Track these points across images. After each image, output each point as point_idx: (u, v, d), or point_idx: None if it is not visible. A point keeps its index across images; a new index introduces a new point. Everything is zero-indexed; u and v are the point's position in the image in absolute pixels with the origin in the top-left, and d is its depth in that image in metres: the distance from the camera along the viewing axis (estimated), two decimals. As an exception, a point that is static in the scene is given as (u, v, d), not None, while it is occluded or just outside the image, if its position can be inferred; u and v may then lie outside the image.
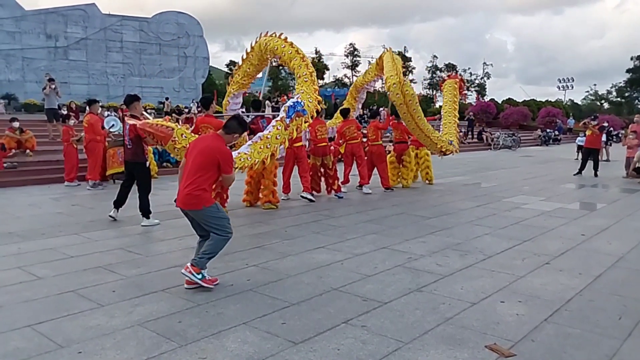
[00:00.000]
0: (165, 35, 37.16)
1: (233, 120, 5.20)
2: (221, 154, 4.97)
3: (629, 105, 73.01)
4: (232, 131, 5.15)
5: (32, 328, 4.08)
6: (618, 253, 6.57)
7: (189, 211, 5.01)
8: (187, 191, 4.90)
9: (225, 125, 5.16)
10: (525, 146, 34.25)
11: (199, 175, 4.90)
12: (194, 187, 4.88)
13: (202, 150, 4.99)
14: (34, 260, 5.97)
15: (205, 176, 4.93)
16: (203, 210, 4.94)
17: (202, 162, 4.93)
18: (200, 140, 5.29)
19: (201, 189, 4.91)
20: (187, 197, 4.91)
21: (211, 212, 4.98)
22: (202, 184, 4.91)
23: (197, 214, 5.00)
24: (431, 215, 9.04)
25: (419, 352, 3.72)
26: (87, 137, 12.15)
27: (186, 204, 4.96)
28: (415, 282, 5.32)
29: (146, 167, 8.17)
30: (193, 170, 4.93)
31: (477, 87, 68.38)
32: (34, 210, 9.23)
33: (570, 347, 3.85)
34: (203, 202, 4.92)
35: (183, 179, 5.02)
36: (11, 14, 31.25)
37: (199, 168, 4.92)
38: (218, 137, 5.14)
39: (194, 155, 5.00)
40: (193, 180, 4.89)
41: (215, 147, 4.97)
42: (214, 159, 4.93)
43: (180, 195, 4.98)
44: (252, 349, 3.74)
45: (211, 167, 4.94)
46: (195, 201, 4.90)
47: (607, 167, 18.32)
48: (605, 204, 10.68)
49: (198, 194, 4.89)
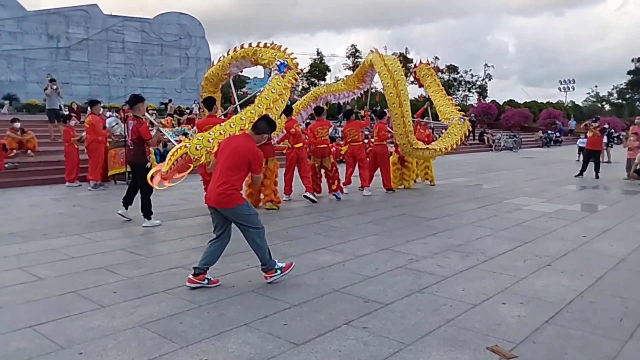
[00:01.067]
0: (167, 36, 37.17)
1: (262, 121, 5.33)
2: (252, 154, 5.07)
3: (630, 107, 72.86)
4: (262, 131, 5.26)
5: (33, 329, 4.08)
6: (619, 254, 6.56)
7: (221, 210, 5.08)
8: (220, 190, 4.98)
9: (255, 126, 5.28)
10: (526, 148, 34.24)
11: (230, 175, 5.00)
12: (227, 186, 4.97)
13: (233, 150, 5.08)
14: (35, 261, 5.98)
15: (237, 176, 5.04)
16: (235, 208, 5.03)
17: (234, 162, 5.03)
18: (231, 140, 5.35)
19: (233, 188, 5.01)
20: (219, 196, 4.99)
21: (243, 210, 5.08)
22: (235, 183, 5.02)
23: (229, 212, 5.08)
24: (432, 216, 9.03)
25: (420, 354, 3.72)
26: (88, 138, 12.16)
27: (219, 203, 5.03)
28: (417, 283, 5.32)
29: (147, 168, 8.15)
30: (224, 170, 5.02)
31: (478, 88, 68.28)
32: (35, 211, 9.23)
33: (572, 348, 3.84)
34: (235, 201, 5.02)
35: (214, 178, 5.10)
36: (13, 15, 31.27)
37: (231, 168, 5.02)
38: (248, 137, 5.24)
39: (225, 155, 5.09)
40: (225, 180, 4.98)
41: (246, 148, 5.08)
42: (246, 159, 5.04)
43: (213, 194, 5.05)
44: (253, 350, 3.74)
45: (243, 167, 5.06)
46: (228, 200, 4.99)
47: (608, 168, 18.31)
48: (607, 205, 10.67)
49: (230, 192, 4.99)
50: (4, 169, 12.89)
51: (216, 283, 5.17)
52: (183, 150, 7.23)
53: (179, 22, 37.90)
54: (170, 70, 37.52)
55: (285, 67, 8.81)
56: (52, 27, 32.76)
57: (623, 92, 76.42)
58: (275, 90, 8.38)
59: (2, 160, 13.00)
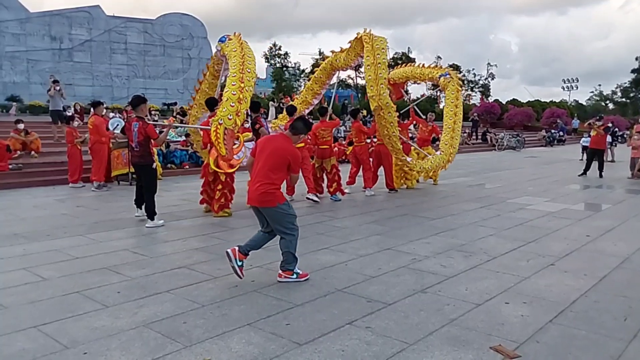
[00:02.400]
0: (170, 36, 37.18)
1: (300, 122, 5.53)
2: (291, 154, 5.23)
3: (634, 105, 72.65)
4: (299, 132, 5.44)
5: (37, 329, 4.09)
6: (623, 254, 6.55)
7: (262, 208, 5.22)
8: (262, 190, 5.12)
9: (293, 126, 5.45)
10: (529, 147, 34.19)
11: (271, 174, 5.14)
12: (270, 186, 5.13)
13: (273, 151, 5.21)
14: (39, 262, 5.99)
15: (277, 175, 5.18)
16: (277, 207, 5.17)
17: (274, 163, 5.17)
18: (269, 141, 5.44)
19: (275, 187, 5.16)
20: (261, 195, 5.13)
21: (283, 210, 5.21)
22: (275, 182, 5.16)
23: (269, 211, 5.21)
24: (435, 216, 9.03)
25: (423, 354, 3.72)
26: (92, 139, 12.18)
27: (261, 202, 5.16)
28: (420, 283, 5.32)
29: (153, 169, 8.20)
30: (265, 169, 5.16)
31: (481, 88, 68.17)
32: (38, 212, 9.26)
33: (575, 348, 3.84)
34: (277, 200, 5.17)
35: (255, 178, 5.22)
36: (16, 16, 31.32)
37: (272, 168, 5.16)
38: (286, 137, 5.39)
39: (265, 156, 5.21)
40: (267, 180, 5.13)
41: (285, 148, 5.22)
42: (285, 159, 5.18)
43: (254, 193, 5.18)
44: (256, 349, 3.74)
45: (282, 166, 5.20)
46: (269, 198, 5.13)
47: (612, 167, 18.26)
48: (610, 204, 10.65)
49: (272, 191, 5.14)
50: (8, 170, 12.92)
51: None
52: (221, 129, 7.54)
53: (181, 23, 37.91)
54: (173, 71, 37.53)
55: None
56: (55, 29, 32.80)
57: (627, 91, 76.21)
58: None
59: (6, 161, 13.03)
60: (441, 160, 12.55)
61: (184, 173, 15.28)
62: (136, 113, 8.06)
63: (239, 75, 8.03)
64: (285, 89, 47.50)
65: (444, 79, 12.91)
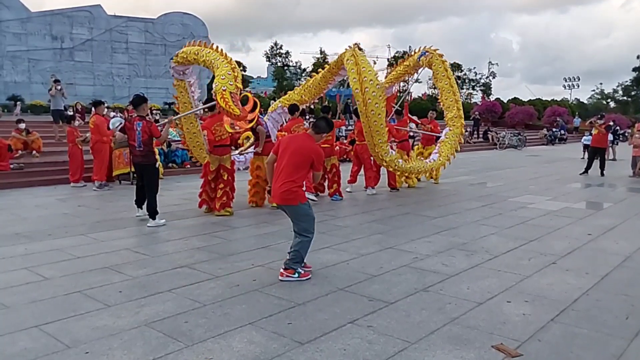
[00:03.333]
0: (171, 36, 37.17)
1: (322, 121, 5.61)
2: (315, 153, 5.36)
3: (636, 104, 72.59)
4: (322, 131, 5.54)
5: (39, 328, 4.10)
6: (625, 252, 6.55)
7: (284, 206, 5.36)
8: (285, 188, 5.23)
9: (315, 125, 5.55)
10: (531, 145, 34.15)
11: (294, 173, 5.25)
12: (293, 184, 5.24)
13: (296, 149, 5.32)
14: (40, 261, 6.00)
15: (301, 174, 5.31)
16: (299, 206, 5.29)
17: (298, 161, 5.28)
18: (292, 140, 5.56)
19: (298, 186, 5.29)
20: (285, 193, 5.24)
21: (304, 210, 5.34)
22: (298, 181, 5.29)
23: (291, 209, 5.34)
24: (437, 215, 9.02)
25: (425, 352, 3.72)
26: (93, 138, 12.19)
27: (284, 200, 5.29)
28: (421, 282, 5.32)
29: (156, 168, 8.26)
30: (289, 168, 5.27)
31: (482, 86, 68.11)
32: (40, 211, 9.26)
33: (577, 347, 3.84)
34: (299, 199, 5.29)
35: (279, 177, 5.32)
36: (17, 16, 31.33)
37: (296, 167, 5.27)
38: (309, 136, 5.51)
39: (288, 154, 5.31)
40: (290, 178, 5.24)
41: (309, 147, 5.34)
42: (309, 158, 5.31)
43: (277, 191, 5.30)
44: (258, 349, 3.75)
45: (306, 165, 5.32)
46: (292, 197, 5.25)
47: (614, 166, 18.24)
48: (612, 203, 10.64)
49: (295, 190, 5.26)
50: (9, 169, 12.93)
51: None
52: (227, 94, 7.69)
53: (182, 22, 37.90)
54: (174, 71, 37.50)
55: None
56: (56, 28, 32.82)
57: (628, 90, 76.14)
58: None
59: (7, 161, 13.03)
60: (436, 164, 12.10)
61: (186, 172, 15.29)
62: (138, 112, 8.08)
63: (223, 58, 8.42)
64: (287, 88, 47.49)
65: (424, 57, 12.43)
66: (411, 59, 13.08)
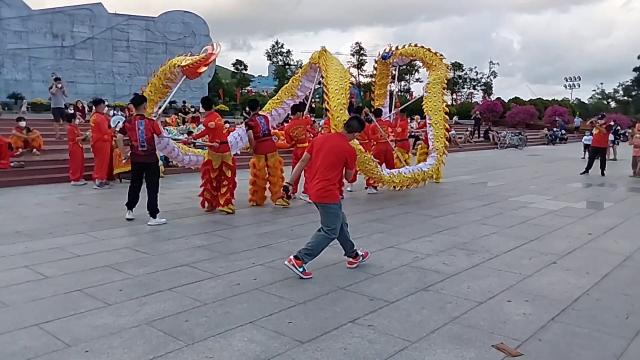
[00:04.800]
0: (172, 34, 37.21)
1: (354, 120, 5.76)
2: (348, 152, 5.50)
3: (636, 104, 72.61)
4: (354, 130, 5.68)
5: (39, 327, 4.10)
6: (625, 252, 6.54)
7: (318, 204, 5.50)
8: (321, 186, 5.39)
9: (348, 125, 5.68)
10: (531, 145, 34.13)
11: (330, 172, 5.41)
12: (328, 183, 5.40)
13: (330, 149, 5.46)
14: (41, 260, 6.00)
15: (336, 172, 5.47)
16: (331, 204, 5.43)
17: (333, 161, 5.43)
18: (326, 139, 5.70)
19: (333, 184, 5.45)
20: (320, 191, 5.40)
21: (334, 209, 5.47)
22: (333, 179, 5.45)
23: (323, 207, 5.47)
24: (438, 214, 9.02)
25: (425, 352, 3.72)
26: (94, 137, 12.19)
27: (319, 197, 5.44)
28: (422, 281, 5.32)
29: (158, 167, 8.29)
30: (324, 167, 5.42)
31: (483, 86, 68.12)
32: (40, 210, 9.27)
33: (578, 346, 3.83)
34: (333, 198, 5.45)
35: (314, 175, 5.50)
36: (18, 14, 31.36)
37: (330, 165, 5.42)
38: (342, 136, 5.66)
39: (323, 154, 5.46)
40: (325, 177, 5.39)
41: (342, 146, 5.49)
42: (343, 157, 5.46)
43: (313, 189, 5.48)
44: (258, 348, 3.74)
45: (340, 164, 5.48)
46: (327, 194, 5.41)
47: (614, 166, 18.23)
48: (612, 203, 10.63)
49: (331, 189, 5.43)
50: (9, 167, 12.93)
51: (367, 256, 5.87)
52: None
53: (183, 20, 37.93)
54: (175, 69, 37.48)
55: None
56: (57, 26, 32.84)
57: (629, 89, 76.16)
58: None
59: (7, 159, 13.03)
60: (421, 174, 11.42)
61: (186, 171, 15.20)
62: (138, 111, 8.08)
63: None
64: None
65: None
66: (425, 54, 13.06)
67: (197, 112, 24.48)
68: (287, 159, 10.67)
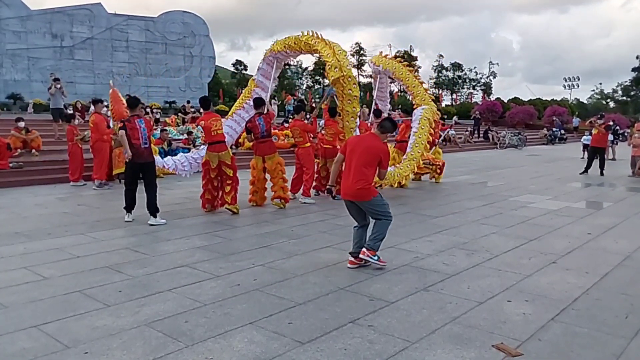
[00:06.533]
0: (171, 34, 37.15)
1: (387, 121, 5.98)
2: (383, 152, 5.71)
3: (635, 104, 72.62)
4: (387, 130, 5.88)
5: (38, 328, 4.09)
6: (625, 252, 6.54)
7: (359, 202, 5.70)
8: (360, 185, 5.57)
9: (381, 125, 5.89)
10: (531, 145, 34.15)
11: (365, 171, 5.59)
12: (365, 182, 5.58)
13: (365, 149, 5.65)
14: (40, 260, 5.99)
15: (371, 171, 5.65)
16: (372, 200, 5.66)
17: (367, 160, 5.62)
18: (361, 140, 5.90)
19: (369, 183, 5.63)
20: (358, 190, 5.59)
21: (378, 201, 5.71)
22: (369, 178, 5.63)
23: (367, 204, 5.69)
24: (438, 214, 9.02)
25: (426, 352, 3.71)
26: (93, 137, 12.18)
27: (357, 196, 5.65)
28: (422, 281, 5.31)
29: (155, 166, 8.41)
30: (359, 167, 5.59)
31: (483, 86, 68.16)
32: (40, 210, 9.26)
33: (578, 346, 3.83)
34: (372, 194, 5.65)
35: (349, 175, 5.66)
36: (17, 14, 31.30)
37: (366, 165, 5.61)
38: (376, 136, 5.85)
39: (358, 154, 5.65)
40: (362, 176, 5.57)
41: (377, 147, 5.69)
42: (377, 156, 5.65)
43: (351, 189, 5.64)
44: (259, 348, 3.74)
45: (374, 163, 5.67)
46: (366, 193, 5.61)
47: (613, 166, 18.23)
48: (612, 202, 10.64)
49: (368, 187, 5.61)
50: (8, 168, 12.92)
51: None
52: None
53: (183, 20, 37.86)
54: (175, 69, 37.49)
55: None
56: (56, 26, 32.78)
57: (628, 90, 76.18)
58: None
59: (6, 160, 13.02)
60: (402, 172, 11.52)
61: (185, 171, 15.24)
62: (134, 112, 8.24)
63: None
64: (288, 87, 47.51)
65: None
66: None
67: (197, 112, 24.45)
68: (288, 159, 10.65)
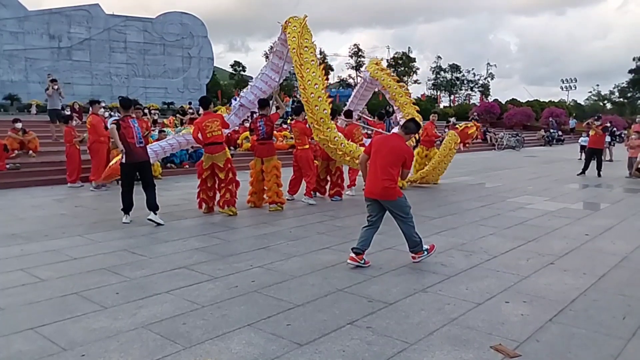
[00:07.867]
0: (170, 35, 37.15)
1: (411, 122, 6.07)
2: (407, 152, 5.87)
3: (632, 105, 72.83)
4: (411, 131, 6.02)
5: (35, 331, 4.07)
6: (622, 253, 6.55)
7: (383, 201, 5.80)
8: (385, 185, 5.68)
9: (405, 126, 5.99)
10: (529, 146, 34.17)
11: (391, 171, 5.70)
12: (390, 182, 5.69)
13: (391, 150, 5.77)
14: (37, 262, 5.97)
15: (395, 171, 5.77)
16: (397, 200, 5.78)
17: (393, 160, 5.74)
18: (385, 140, 5.97)
19: (394, 182, 5.73)
20: (384, 189, 5.70)
21: (402, 202, 5.84)
22: (394, 178, 5.74)
23: (392, 203, 5.80)
24: (436, 215, 9.02)
25: (424, 353, 3.71)
26: (90, 138, 12.15)
27: (383, 195, 5.75)
28: (420, 282, 5.31)
29: (151, 164, 8.56)
30: (385, 167, 5.70)
31: (480, 87, 68.28)
32: (37, 212, 9.23)
33: (575, 347, 3.83)
34: (397, 194, 5.77)
35: (375, 175, 5.76)
36: (14, 15, 31.27)
37: (391, 165, 5.72)
38: (400, 137, 5.94)
39: (383, 154, 5.77)
40: (388, 176, 5.68)
41: (401, 147, 5.81)
42: (402, 156, 5.78)
43: (377, 188, 5.74)
44: (257, 350, 3.73)
45: (399, 163, 5.78)
46: (392, 192, 5.72)
47: (610, 167, 18.27)
48: (609, 203, 10.65)
49: (394, 186, 5.72)
50: (5, 169, 12.89)
51: (368, 264, 5.84)
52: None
53: (181, 21, 37.87)
54: (173, 70, 37.49)
55: None
56: (54, 27, 32.75)
57: (625, 91, 76.43)
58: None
59: (3, 161, 12.99)
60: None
61: (184, 172, 15.25)
62: (128, 113, 8.27)
63: None
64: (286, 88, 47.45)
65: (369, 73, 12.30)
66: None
67: (197, 113, 24.40)
68: (286, 160, 10.63)
